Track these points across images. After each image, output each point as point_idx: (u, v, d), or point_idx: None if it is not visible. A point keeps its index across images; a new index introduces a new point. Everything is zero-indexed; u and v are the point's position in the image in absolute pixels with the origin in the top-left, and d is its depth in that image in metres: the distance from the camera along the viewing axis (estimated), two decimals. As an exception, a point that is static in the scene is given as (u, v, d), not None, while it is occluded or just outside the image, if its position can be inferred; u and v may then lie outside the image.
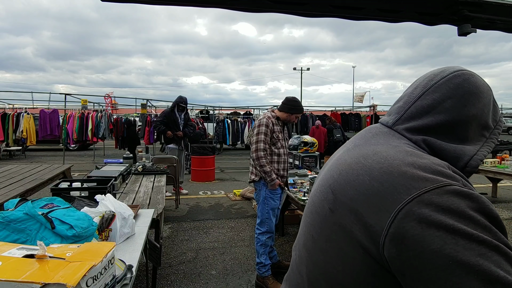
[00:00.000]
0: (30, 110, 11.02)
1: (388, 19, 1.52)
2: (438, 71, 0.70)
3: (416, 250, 0.49)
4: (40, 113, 10.29)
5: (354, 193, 0.60)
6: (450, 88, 0.66)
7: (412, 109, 0.69)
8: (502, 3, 1.34)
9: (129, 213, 1.84)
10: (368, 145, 0.68)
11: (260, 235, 3.10)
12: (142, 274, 3.10)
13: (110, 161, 4.82)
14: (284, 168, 3.14)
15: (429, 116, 0.66)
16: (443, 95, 0.66)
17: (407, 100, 0.71)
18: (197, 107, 14.93)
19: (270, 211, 3.08)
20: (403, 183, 0.54)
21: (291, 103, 3.12)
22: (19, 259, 0.99)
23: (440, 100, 0.66)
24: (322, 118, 14.00)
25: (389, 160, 0.60)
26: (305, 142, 5.44)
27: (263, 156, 2.95)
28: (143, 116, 11.34)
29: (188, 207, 5.76)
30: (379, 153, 0.63)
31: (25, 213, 1.36)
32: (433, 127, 0.66)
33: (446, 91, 0.66)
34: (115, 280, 1.15)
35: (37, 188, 4.14)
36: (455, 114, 0.65)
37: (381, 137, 0.70)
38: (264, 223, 3.10)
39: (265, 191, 3.05)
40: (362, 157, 0.65)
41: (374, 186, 0.57)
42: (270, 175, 2.96)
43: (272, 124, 3.02)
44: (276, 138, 3.04)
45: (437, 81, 0.68)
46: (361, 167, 0.62)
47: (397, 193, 0.54)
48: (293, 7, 1.40)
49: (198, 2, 1.37)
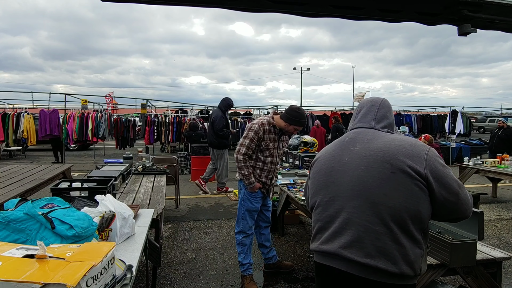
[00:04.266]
0: (30, 110, 11.01)
1: (388, 19, 1.52)
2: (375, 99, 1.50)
3: (442, 171, 1.24)
4: (40, 113, 10.28)
5: (404, 156, 1.24)
6: (387, 106, 1.46)
7: (377, 118, 1.43)
8: (502, 3, 1.34)
9: (129, 213, 1.84)
10: (381, 137, 1.34)
11: (236, 234, 3.13)
12: (142, 274, 3.10)
13: (110, 161, 4.82)
14: (268, 176, 3.08)
15: (386, 120, 1.43)
16: (386, 109, 1.46)
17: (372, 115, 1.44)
18: (197, 107, 14.91)
19: (246, 212, 3.07)
20: (419, 147, 1.28)
21: (293, 113, 2.98)
22: (19, 259, 0.99)
23: (387, 111, 1.45)
24: (322, 118, 14.00)
25: (404, 139, 1.31)
26: (305, 142, 5.43)
27: (242, 160, 2.94)
28: (143, 116, 11.33)
29: (188, 207, 5.76)
30: (396, 138, 1.33)
31: (25, 213, 1.36)
32: (389, 124, 1.42)
33: (387, 107, 1.46)
34: (115, 280, 1.15)
35: (37, 188, 4.14)
36: (390, 117, 1.45)
37: (378, 133, 1.38)
38: (239, 222, 3.11)
39: (244, 192, 3.06)
40: (388, 142, 1.30)
41: (410, 150, 1.26)
42: (248, 178, 2.96)
43: (263, 132, 2.95)
44: (265, 146, 2.98)
45: (381, 103, 1.47)
46: (397, 144, 1.28)
47: (421, 151, 1.26)
48: (293, 7, 1.40)
49: (198, 2, 1.37)
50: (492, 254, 2.25)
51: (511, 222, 5.08)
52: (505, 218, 5.26)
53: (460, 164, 6.55)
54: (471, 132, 13.97)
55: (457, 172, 6.57)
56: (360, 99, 21.92)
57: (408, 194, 1.19)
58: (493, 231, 4.65)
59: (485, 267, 2.19)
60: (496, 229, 4.72)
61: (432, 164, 1.22)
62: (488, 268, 2.20)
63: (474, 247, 2.10)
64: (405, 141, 1.27)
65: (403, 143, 1.26)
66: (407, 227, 1.20)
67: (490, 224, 4.90)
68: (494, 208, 5.89)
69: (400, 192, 1.20)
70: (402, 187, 1.20)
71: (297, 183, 4.09)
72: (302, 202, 3.22)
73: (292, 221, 4.83)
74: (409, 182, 1.20)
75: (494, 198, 6.50)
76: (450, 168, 1.27)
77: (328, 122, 14.09)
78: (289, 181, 4.14)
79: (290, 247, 4.01)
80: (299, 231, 4.59)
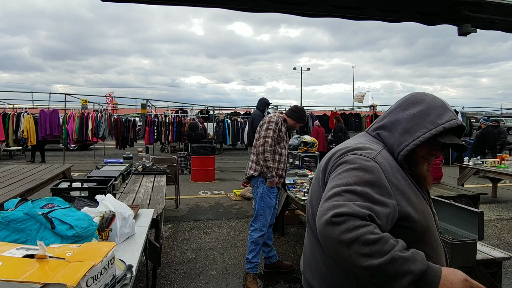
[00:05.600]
0: (30, 110, 11.01)
1: (388, 19, 1.52)
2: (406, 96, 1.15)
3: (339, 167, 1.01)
4: (40, 113, 10.28)
5: (327, 158, 1.10)
6: (400, 102, 1.12)
7: (378, 120, 1.15)
8: (502, 3, 1.34)
9: (129, 213, 1.84)
10: (349, 140, 1.16)
11: (253, 232, 3.12)
12: (142, 274, 3.10)
13: (110, 161, 4.82)
14: (283, 169, 3.21)
15: (385, 119, 1.12)
16: (395, 106, 1.12)
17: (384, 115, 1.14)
18: (197, 107, 14.91)
19: (266, 209, 3.11)
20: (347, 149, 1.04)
21: (301, 113, 3.29)
22: (19, 259, 0.99)
23: (393, 108, 1.12)
24: (322, 118, 14.00)
25: (346, 144, 1.09)
26: (305, 142, 5.44)
27: (269, 151, 3.00)
28: (143, 116, 11.33)
29: (188, 207, 5.76)
30: (346, 142, 1.11)
31: (25, 213, 1.36)
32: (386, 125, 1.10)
33: (399, 103, 1.12)
34: (115, 280, 1.14)
35: (37, 188, 4.14)
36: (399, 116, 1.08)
37: (359, 136, 1.17)
38: (257, 219, 3.13)
39: (263, 188, 3.09)
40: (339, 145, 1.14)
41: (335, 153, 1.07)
42: (271, 171, 3.02)
43: (281, 123, 3.14)
44: (282, 138, 3.14)
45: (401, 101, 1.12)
46: (333, 149, 1.11)
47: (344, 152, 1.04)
48: (293, 7, 1.40)
49: (198, 2, 1.37)
50: (492, 254, 2.25)
51: (511, 222, 5.08)
52: (505, 218, 5.26)
53: (460, 164, 6.56)
54: (471, 132, 13.95)
55: (457, 172, 6.58)
56: (360, 99, 21.93)
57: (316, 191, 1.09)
58: (493, 231, 4.65)
59: (485, 267, 2.19)
60: (496, 229, 4.72)
61: (337, 162, 1.02)
62: (488, 268, 2.20)
63: (474, 247, 2.10)
64: (345, 145, 1.09)
65: (342, 145, 1.10)
66: None
67: (490, 224, 4.90)
68: (494, 208, 5.89)
69: (313, 189, 1.12)
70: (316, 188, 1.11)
71: (297, 183, 4.09)
72: (302, 202, 3.22)
73: (292, 221, 4.83)
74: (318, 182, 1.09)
75: (494, 198, 6.50)
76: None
77: (328, 122, 14.09)
78: (289, 181, 4.14)
79: (290, 247, 4.00)
80: (299, 231, 4.58)
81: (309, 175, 4.30)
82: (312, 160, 5.16)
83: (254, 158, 3.11)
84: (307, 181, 4.10)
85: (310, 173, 4.51)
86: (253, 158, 3.14)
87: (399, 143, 1.02)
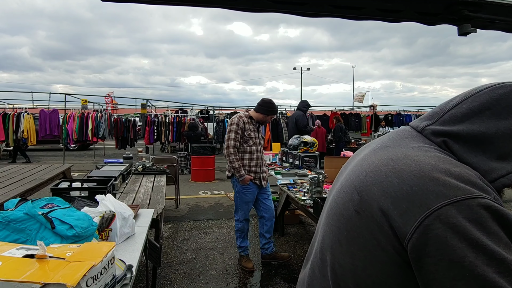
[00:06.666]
0: (30, 110, 11.01)
1: (388, 19, 1.52)
2: (485, 84, 0.64)
3: (436, 257, 0.50)
4: (40, 113, 10.28)
5: (382, 194, 0.58)
6: (491, 98, 0.60)
7: (445, 117, 0.64)
8: (502, 3, 1.34)
9: (129, 213, 1.84)
10: (397, 147, 0.65)
11: (236, 221, 3.46)
12: (142, 274, 3.10)
13: (110, 161, 4.82)
14: (257, 165, 3.37)
15: (460, 125, 0.61)
16: (481, 105, 0.60)
17: (443, 107, 0.66)
18: (197, 107, 14.91)
19: (243, 204, 3.39)
20: (433, 189, 0.53)
21: (268, 105, 3.36)
22: (19, 259, 0.99)
23: (477, 110, 0.61)
24: (322, 118, 14.00)
25: (420, 164, 0.57)
26: (305, 142, 5.43)
27: (233, 153, 3.22)
28: (143, 116, 11.33)
29: (188, 207, 5.76)
30: (409, 156, 0.60)
31: (25, 213, 1.36)
32: (463, 136, 0.61)
33: (486, 101, 0.60)
34: (115, 280, 1.15)
35: (37, 188, 4.14)
36: (491, 126, 0.59)
37: (410, 140, 0.66)
38: (237, 210, 3.45)
39: (238, 186, 3.34)
40: (390, 159, 0.62)
41: (403, 188, 0.55)
42: (239, 171, 3.22)
43: (243, 123, 3.27)
44: (248, 136, 3.28)
45: (480, 90, 0.63)
46: (390, 169, 0.60)
47: (426, 198, 0.52)
48: (293, 7, 1.40)
49: (198, 2, 1.37)
50: None
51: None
52: (505, 218, 5.25)
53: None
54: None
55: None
56: (361, 99, 21.88)
57: (366, 257, 0.60)
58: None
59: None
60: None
61: (430, 240, 0.50)
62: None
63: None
64: (419, 166, 0.57)
65: (412, 167, 0.58)
66: None
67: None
68: None
69: (357, 247, 0.61)
70: (361, 242, 0.60)
71: (297, 183, 4.09)
72: (302, 202, 3.22)
73: (292, 221, 4.83)
74: (373, 241, 0.58)
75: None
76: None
77: (328, 122, 14.09)
78: (289, 181, 4.14)
79: (290, 247, 4.01)
80: (299, 231, 4.59)
81: (309, 175, 4.30)
82: (312, 160, 5.15)
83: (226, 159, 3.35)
84: (307, 181, 4.10)
85: (310, 173, 4.50)
86: None
87: (489, 170, 0.58)
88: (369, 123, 14.74)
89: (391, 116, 15.71)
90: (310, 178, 3.31)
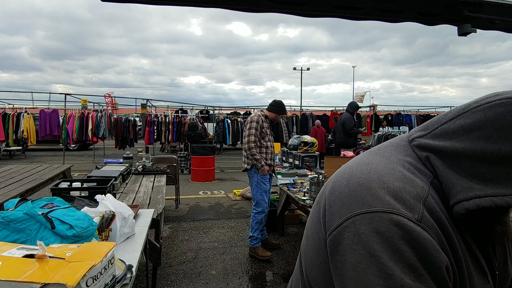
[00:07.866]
0: (30, 110, 11.01)
1: (388, 19, 1.52)
2: (491, 95, 0.59)
3: (343, 256, 0.56)
4: (40, 113, 10.29)
5: (331, 191, 0.63)
6: (485, 118, 0.56)
7: (437, 131, 0.62)
8: (502, 3, 1.34)
9: (129, 213, 1.84)
10: (375, 154, 0.67)
11: (257, 214, 3.67)
12: (142, 274, 3.10)
13: (110, 161, 4.81)
14: (271, 158, 3.77)
15: (448, 141, 0.59)
16: (473, 124, 0.57)
17: (440, 119, 0.64)
18: (197, 107, 14.92)
19: (263, 194, 3.67)
20: (363, 197, 0.57)
21: (280, 106, 3.84)
22: (19, 259, 0.99)
23: (468, 128, 0.57)
24: (322, 118, 14.00)
25: (371, 173, 0.60)
26: (305, 142, 5.43)
27: (254, 147, 3.59)
28: (143, 116, 11.33)
29: (188, 207, 5.76)
30: (371, 164, 0.63)
31: (25, 213, 1.36)
32: (447, 153, 0.59)
33: (479, 120, 0.56)
34: (115, 280, 1.15)
35: (37, 188, 4.13)
36: (478, 148, 0.55)
37: (395, 150, 0.66)
38: (259, 204, 3.68)
39: (257, 176, 3.66)
40: (357, 163, 0.66)
41: (345, 191, 0.60)
42: (260, 161, 3.59)
43: (262, 121, 3.67)
44: (265, 133, 3.70)
45: (478, 105, 0.58)
46: (348, 172, 0.64)
47: (353, 203, 0.57)
48: (293, 7, 1.40)
49: (197, 2, 1.37)
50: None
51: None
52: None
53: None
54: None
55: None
56: (361, 99, 21.87)
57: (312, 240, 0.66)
58: (493, 231, 4.65)
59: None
60: (496, 229, 4.72)
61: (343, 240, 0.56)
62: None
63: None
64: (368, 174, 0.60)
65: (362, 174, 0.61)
66: None
67: (490, 224, 4.90)
68: None
69: (309, 232, 0.68)
70: (312, 227, 0.67)
71: (297, 183, 4.09)
72: (302, 202, 3.22)
73: (292, 221, 4.83)
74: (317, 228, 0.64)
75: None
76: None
77: (328, 122, 14.10)
78: (289, 181, 4.14)
79: (290, 247, 4.01)
80: (299, 231, 4.59)
81: (309, 175, 4.30)
82: (312, 160, 5.15)
83: (245, 154, 3.68)
84: (307, 181, 4.10)
85: (310, 173, 4.51)
86: (244, 154, 3.70)
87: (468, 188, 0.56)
88: (369, 123, 14.73)
89: (391, 116, 15.71)
90: (310, 178, 3.32)
